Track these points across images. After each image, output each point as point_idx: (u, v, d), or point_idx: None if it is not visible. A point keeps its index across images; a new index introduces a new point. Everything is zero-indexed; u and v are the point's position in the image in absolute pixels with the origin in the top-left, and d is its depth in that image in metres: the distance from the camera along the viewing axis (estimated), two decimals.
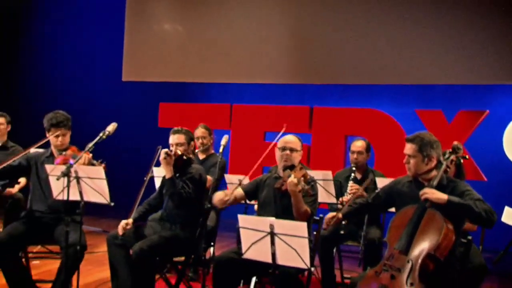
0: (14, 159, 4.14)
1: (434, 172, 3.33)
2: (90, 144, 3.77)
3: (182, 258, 4.28)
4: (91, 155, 3.98)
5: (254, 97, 8.25)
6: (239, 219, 3.09)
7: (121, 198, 4.12)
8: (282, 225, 2.93)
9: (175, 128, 4.39)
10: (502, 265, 5.03)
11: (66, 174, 3.51)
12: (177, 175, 4.10)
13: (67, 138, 4.21)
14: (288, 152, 3.81)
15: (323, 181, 4.54)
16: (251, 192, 3.96)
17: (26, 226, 4.02)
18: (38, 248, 5.24)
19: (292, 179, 3.46)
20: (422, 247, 3.09)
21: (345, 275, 5.06)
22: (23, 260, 4.24)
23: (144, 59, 8.38)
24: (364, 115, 7.39)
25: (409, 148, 3.36)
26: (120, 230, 3.95)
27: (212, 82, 8.36)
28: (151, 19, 8.39)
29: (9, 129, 5.67)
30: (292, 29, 7.67)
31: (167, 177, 3.99)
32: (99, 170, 3.63)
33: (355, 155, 4.89)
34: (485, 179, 6.76)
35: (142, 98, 8.87)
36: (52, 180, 3.72)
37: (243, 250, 3.07)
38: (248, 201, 4.65)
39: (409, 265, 3.05)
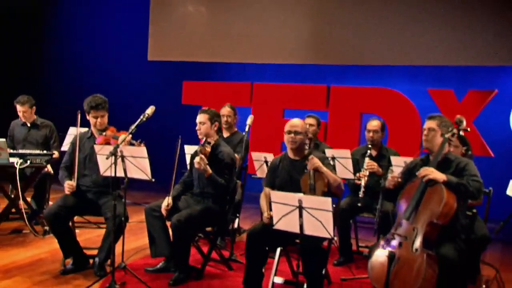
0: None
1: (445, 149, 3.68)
2: (133, 126, 4.12)
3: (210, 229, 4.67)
4: (130, 136, 4.34)
5: (273, 76, 8.53)
6: (271, 195, 3.44)
7: None
8: (309, 200, 3.29)
9: (203, 108, 4.68)
10: (503, 234, 5.37)
11: (114, 153, 3.88)
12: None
13: (105, 119, 4.57)
14: (292, 135, 4.09)
15: (342, 158, 4.86)
16: (273, 183, 4.23)
17: (74, 198, 4.42)
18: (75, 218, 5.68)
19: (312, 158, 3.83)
20: (425, 216, 3.45)
21: (360, 244, 5.44)
22: None
23: (168, 40, 8.68)
24: (379, 94, 7.66)
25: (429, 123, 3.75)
26: (163, 211, 4.34)
27: (233, 62, 8.62)
28: (176, 0, 8.65)
29: (34, 110, 5.95)
30: (311, 11, 7.91)
31: (206, 176, 4.29)
32: (142, 150, 3.99)
33: (371, 134, 5.17)
34: (492, 155, 7.05)
35: (166, 77, 9.16)
36: (100, 158, 4.10)
37: (274, 222, 3.44)
38: None
39: (414, 233, 3.41)
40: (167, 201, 4.41)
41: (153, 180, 4.06)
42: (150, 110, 4.31)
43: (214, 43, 8.47)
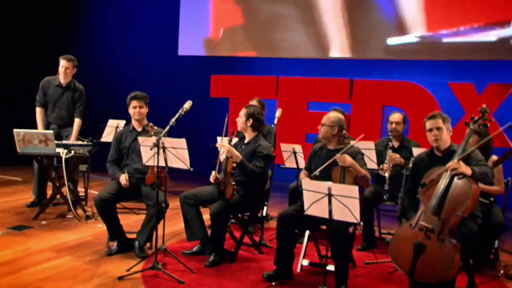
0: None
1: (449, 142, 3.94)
2: (173, 119, 4.43)
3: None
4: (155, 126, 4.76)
5: (298, 69, 8.78)
6: (303, 183, 3.74)
7: None
8: (337, 188, 3.57)
9: (248, 104, 5.09)
10: None
11: (157, 145, 4.21)
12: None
13: (144, 111, 4.96)
14: (319, 126, 4.43)
15: (366, 150, 5.11)
16: (310, 167, 4.54)
17: (119, 185, 4.79)
18: None
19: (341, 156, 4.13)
20: (452, 209, 3.63)
21: (382, 231, 5.71)
22: None
23: (198, 35, 8.99)
24: (401, 87, 7.87)
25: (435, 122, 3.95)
26: (212, 179, 4.74)
27: (260, 57, 8.90)
28: None
29: (74, 72, 6.23)
30: (334, 6, 8.12)
31: (237, 161, 4.60)
32: (182, 142, 4.30)
33: (393, 125, 5.42)
34: None
35: (195, 71, 9.47)
36: (143, 149, 4.44)
37: (305, 208, 3.73)
38: None
39: (440, 224, 3.63)
40: (214, 173, 4.76)
41: (192, 169, 4.38)
42: (187, 105, 4.61)
43: (243, 38, 8.76)
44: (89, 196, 6.42)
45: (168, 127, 4.40)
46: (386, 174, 5.15)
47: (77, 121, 6.20)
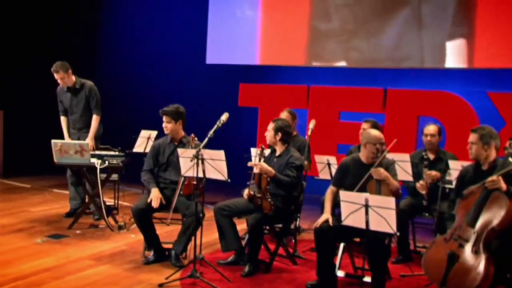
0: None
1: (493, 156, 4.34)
2: (211, 132, 4.91)
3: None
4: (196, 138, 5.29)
5: (328, 78, 9.19)
6: (341, 195, 4.17)
7: None
8: (374, 199, 4.00)
9: (276, 118, 5.52)
10: None
11: (196, 156, 4.69)
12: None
13: (172, 126, 5.44)
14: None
15: (402, 162, 5.52)
16: (340, 182, 4.97)
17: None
18: None
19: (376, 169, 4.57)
20: (487, 221, 4.04)
21: (417, 244, 6.09)
22: None
23: (226, 43, 9.51)
24: (437, 97, 8.22)
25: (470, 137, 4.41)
26: (246, 196, 5.18)
27: (289, 65, 9.36)
28: (234, 5, 9.47)
29: (70, 74, 6.61)
30: (365, 15, 8.55)
31: (270, 176, 5.05)
32: (221, 153, 4.77)
33: (428, 138, 5.79)
34: None
35: (223, 79, 9.98)
36: (182, 160, 4.92)
37: (343, 218, 4.16)
38: None
39: (474, 236, 4.02)
40: (248, 191, 5.21)
41: (229, 180, 4.84)
42: (224, 117, 5.09)
43: (270, 47, 9.24)
44: (119, 206, 6.94)
45: (206, 139, 4.86)
46: (424, 192, 5.54)
47: (94, 117, 6.70)
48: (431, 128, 5.84)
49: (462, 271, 3.96)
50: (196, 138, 5.29)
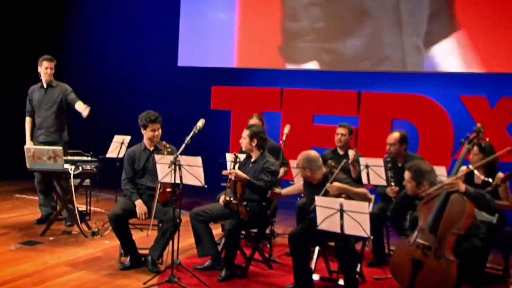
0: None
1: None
2: (188, 138, 5.23)
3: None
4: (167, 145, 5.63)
5: (302, 81, 9.58)
6: (316, 200, 4.56)
7: None
8: (349, 204, 4.39)
9: (249, 125, 5.86)
10: None
11: (174, 163, 5.01)
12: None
13: (159, 133, 5.76)
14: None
15: (376, 167, 5.92)
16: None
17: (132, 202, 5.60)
18: None
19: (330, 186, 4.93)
20: (448, 227, 4.39)
21: (392, 248, 6.48)
22: None
23: (198, 46, 9.84)
24: (410, 100, 8.68)
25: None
26: (222, 202, 5.48)
27: (262, 68, 9.73)
28: (206, 7, 9.81)
29: (53, 70, 7.01)
30: (339, 19, 8.97)
31: (245, 182, 5.37)
32: (198, 160, 5.10)
33: (388, 146, 6.18)
34: None
35: (195, 82, 10.29)
36: (159, 167, 5.23)
37: (318, 222, 4.54)
38: None
39: (436, 241, 4.39)
40: (224, 197, 5.51)
41: (206, 186, 5.18)
42: (200, 123, 5.44)
43: (243, 49, 9.60)
44: (92, 212, 7.22)
45: (184, 146, 5.18)
46: (393, 196, 5.89)
47: (79, 103, 6.84)
48: (391, 137, 6.19)
49: (427, 277, 4.35)
50: (167, 145, 5.60)
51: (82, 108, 6.73)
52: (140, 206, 5.57)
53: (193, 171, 5.12)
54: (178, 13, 10.06)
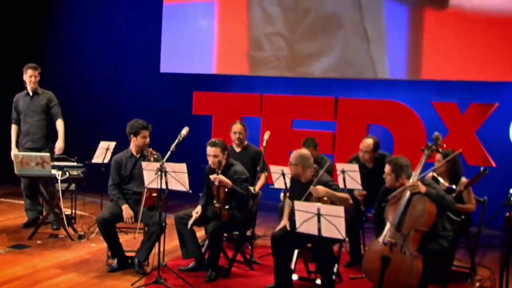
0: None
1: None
2: (173, 146, 5.48)
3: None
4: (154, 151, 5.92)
5: (282, 87, 9.88)
6: (295, 204, 4.84)
7: None
8: (325, 208, 4.68)
9: (211, 141, 5.92)
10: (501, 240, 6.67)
11: (160, 169, 5.25)
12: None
13: (147, 141, 6.00)
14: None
15: (351, 172, 6.22)
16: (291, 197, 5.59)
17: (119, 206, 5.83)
18: None
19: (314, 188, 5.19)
20: (412, 224, 4.80)
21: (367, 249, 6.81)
22: None
23: (180, 53, 10.08)
24: (385, 106, 9.01)
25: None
26: (192, 220, 5.75)
27: (242, 75, 10.01)
28: (188, 14, 10.06)
29: (38, 78, 7.21)
30: (317, 26, 9.27)
31: (228, 188, 5.65)
32: (183, 166, 5.35)
33: (361, 154, 6.47)
34: (494, 164, 8.40)
35: (178, 88, 10.54)
36: (146, 173, 5.47)
37: (297, 226, 4.83)
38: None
39: (402, 238, 4.79)
40: (196, 211, 5.80)
41: (190, 191, 5.44)
42: (185, 131, 5.70)
43: (222, 56, 9.88)
44: (77, 215, 7.43)
45: (169, 153, 5.43)
46: (361, 198, 6.23)
47: (59, 122, 7.16)
48: (365, 144, 6.46)
49: (394, 272, 4.74)
50: (154, 152, 5.85)
51: (58, 142, 7.08)
52: (126, 210, 5.79)
53: (178, 177, 5.36)
54: (160, 22, 10.28)
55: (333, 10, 9.07)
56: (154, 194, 5.63)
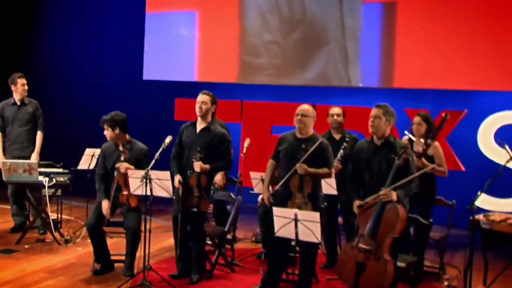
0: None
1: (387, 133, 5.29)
2: (157, 154, 5.66)
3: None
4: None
5: (262, 94, 10.12)
6: (274, 210, 5.07)
7: None
8: (302, 214, 4.91)
9: (205, 91, 6.30)
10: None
11: (145, 177, 5.44)
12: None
13: (109, 133, 6.02)
14: (299, 117, 5.77)
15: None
16: (277, 155, 5.82)
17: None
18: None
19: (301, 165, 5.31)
20: (385, 232, 4.98)
21: None
22: None
23: (163, 60, 10.28)
24: (360, 112, 9.17)
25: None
26: (177, 184, 5.81)
27: (223, 82, 10.24)
28: (170, 23, 10.25)
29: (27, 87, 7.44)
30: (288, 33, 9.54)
31: (207, 170, 5.80)
32: (166, 174, 5.54)
33: (334, 117, 6.74)
34: (463, 168, 8.73)
35: (160, 95, 10.73)
36: (131, 180, 5.64)
37: (276, 230, 5.05)
38: None
39: (376, 245, 4.99)
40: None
41: (174, 197, 5.64)
42: (168, 140, 5.90)
43: (203, 64, 10.11)
44: (62, 220, 7.58)
45: (154, 161, 5.60)
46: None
47: (39, 134, 7.39)
48: (336, 109, 6.80)
49: (369, 277, 4.96)
50: (127, 151, 6.00)
51: (33, 154, 7.29)
52: (104, 206, 5.87)
53: (162, 184, 5.55)
54: (143, 30, 10.48)
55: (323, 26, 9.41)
56: (125, 193, 5.83)
